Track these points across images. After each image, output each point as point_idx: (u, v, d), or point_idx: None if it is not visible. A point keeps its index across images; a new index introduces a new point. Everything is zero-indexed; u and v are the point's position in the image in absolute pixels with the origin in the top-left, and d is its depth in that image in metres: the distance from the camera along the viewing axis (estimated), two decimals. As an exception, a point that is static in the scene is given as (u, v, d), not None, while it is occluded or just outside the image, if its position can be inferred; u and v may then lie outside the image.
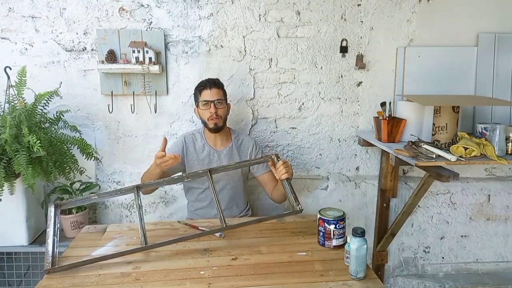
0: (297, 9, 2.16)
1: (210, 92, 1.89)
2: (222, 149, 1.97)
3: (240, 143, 2.01)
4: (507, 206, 2.48)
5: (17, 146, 1.72)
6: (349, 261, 1.32)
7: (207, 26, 2.13)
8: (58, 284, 1.29)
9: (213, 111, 1.87)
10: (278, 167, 1.67)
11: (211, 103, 1.88)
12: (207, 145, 1.97)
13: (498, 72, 2.23)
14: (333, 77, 2.24)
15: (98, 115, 2.18)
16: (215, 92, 1.90)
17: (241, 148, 2.01)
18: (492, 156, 1.70)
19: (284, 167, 1.65)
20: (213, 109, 1.87)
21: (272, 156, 1.74)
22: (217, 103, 1.89)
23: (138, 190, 1.60)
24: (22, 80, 1.87)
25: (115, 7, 2.08)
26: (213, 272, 1.34)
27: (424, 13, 2.21)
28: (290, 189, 1.62)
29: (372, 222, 2.44)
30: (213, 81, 1.92)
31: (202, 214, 2.00)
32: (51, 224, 1.50)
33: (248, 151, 2.01)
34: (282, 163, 1.66)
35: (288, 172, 1.65)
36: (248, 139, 2.04)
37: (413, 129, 1.99)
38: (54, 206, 1.56)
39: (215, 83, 1.92)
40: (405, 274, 2.52)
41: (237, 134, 2.05)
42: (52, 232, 1.47)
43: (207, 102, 1.88)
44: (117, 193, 1.62)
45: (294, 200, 1.58)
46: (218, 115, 1.89)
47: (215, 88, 1.90)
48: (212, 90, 1.89)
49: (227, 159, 1.96)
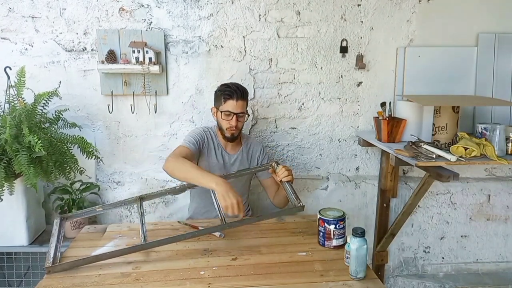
0: (297, 9, 2.16)
1: (235, 104, 1.79)
2: (233, 154, 1.96)
3: (249, 148, 2.00)
4: (507, 206, 2.48)
5: (17, 146, 1.72)
6: (349, 261, 1.32)
7: (207, 26, 2.13)
8: (58, 284, 1.29)
9: (234, 124, 1.80)
10: (279, 170, 1.68)
11: (234, 115, 1.80)
12: (220, 146, 1.95)
13: (498, 72, 2.23)
14: (333, 77, 2.24)
15: (98, 115, 2.18)
16: (241, 105, 1.81)
17: (250, 152, 2.00)
18: (492, 156, 1.70)
19: (286, 169, 1.67)
20: (235, 122, 1.80)
21: (272, 163, 1.77)
22: (239, 115, 1.82)
23: (141, 201, 1.63)
24: (21, 81, 1.87)
25: (115, 7, 2.08)
26: (213, 272, 1.34)
27: (424, 13, 2.21)
28: (291, 189, 1.64)
29: (372, 222, 2.44)
30: (241, 92, 1.81)
31: (202, 216, 1.98)
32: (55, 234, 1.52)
33: (256, 155, 2.00)
34: (283, 167, 1.69)
35: (289, 176, 1.67)
36: (256, 143, 2.04)
37: (413, 129, 1.99)
38: (60, 219, 1.58)
39: (242, 94, 1.81)
40: (405, 274, 2.52)
41: (247, 138, 2.03)
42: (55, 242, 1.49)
43: (230, 113, 1.80)
44: (121, 204, 1.67)
45: (295, 198, 1.59)
46: (238, 127, 1.84)
47: (241, 100, 1.81)
48: (238, 102, 1.79)
49: (238, 163, 1.95)
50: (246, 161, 1.98)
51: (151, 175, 2.25)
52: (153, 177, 2.26)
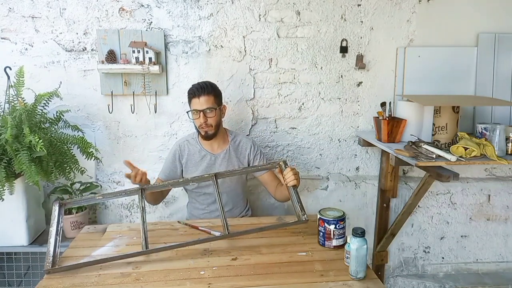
0: (297, 9, 2.16)
1: (199, 101, 1.79)
2: (219, 152, 1.93)
3: (238, 144, 1.97)
4: (507, 206, 2.48)
5: (18, 146, 1.73)
6: (349, 261, 1.32)
7: (207, 26, 2.13)
8: (58, 284, 1.29)
9: (202, 121, 1.80)
10: (286, 173, 1.63)
11: (200, 112, 1.80)
12: (203, 150, 1.93)
13: (498, 72, 2.23)
14: (333, 77, 2.24)
15: (98, 115, 2.18)
16: (204, 100, 1.79)
17: (239, 149, 1.97)
18: (492, 156, 1.70)
19: (293, 173, 1.62)
20: (202, 119, 1.80)
21: (280, 162, 1.71)
22: (207, 111, 1.81)
23: (142, 192, 1.60)
24: (20, 81, 1.87)
25: (115, 7, 2.08)
26: (213, 272, 1.34)
27: (424, 13, 2.21)
28: (296, 198, 1.60)
29: (372, 222, 2.44)
30: (202, 88, 1.81)
31: (201, 217, 1.97)
32: (55, 223, 1.48)
33: (246, 152, 1.97)
34: (291, 170, 1.63)
35: (296, 180, 1.62)
36: (245, 140, 2.00)
37: (413, 129, 1.99)
38: (59, 205, 1.54)
39: (204, 90, 1.80)
40: (405, 274, 2.52)
41: (234, 135, 1.99)
42: (55, 231, 1.46)
43: (197, 111, 1.81)
44: (122, 194, 1.63)
45: (300, 209, 1.56)
46: (208, 124, 1.82)
47: (204, 95, 1.79)
48: (201, 98, 1.79)
49: (225, 162, 1.93)
50: (234, 158, 1.94)
51: (151, 175, 2.22)
52: (153, 177, 2.24)
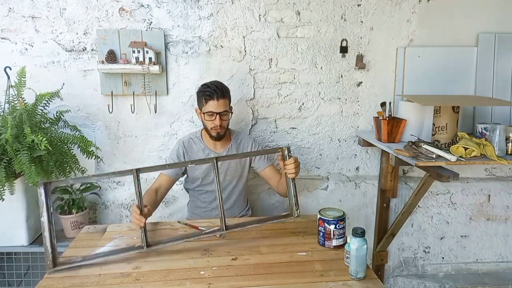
0: (297, 9, 2.16)
1: (217, 104, 1.79)
2: (222, 151, 1.95)
3: (239, 143, 2.00)
4: (507, 206, 2.48)
5: (18, 146, 1.73)
6: (349, 261, 1.32)
7: (207, 26, 2.13)
8: (58, 284, 1.29)
9: (218, 123, 1.81)
10: (288, 163, 1.61)
11: (216, 115, 1.80)
12: (207, 149, 1.94)
13: (498, 72, 2.23)
14: (333, 77, 2.24)
15: (98, 115, 2.18)
16: (222, 103, 1.80)
17: (241, 147, 1.99)
18: (492, 156, 1.70)
19: (294, 166, 1.60)
20: (218, 121, 1.80)
21: (283, 147, 1.65)
22: (223, 114, 1.82)
23: (137, 172, 1.52)
24: (22, 81, 1.87)
25: (115, 7, 2.08)
26: (213, 272, 1.34)
27: (424, 13, 2.21)
28: (293, 191, 1.60)
29: (372, 222, 2.44)
30: (221, 91, 1.81)
31: (202, 215, 2.00)
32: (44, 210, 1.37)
33: (247, 150, 1.99)
34: (293, 162, 1.60)
35: (295, 173, 1.61)
36: (247, 138, 2.03)
37: (413, 129, 1.99)
38: (44, 185, 1.37)
39: (222, 93, 1.81)
40: (405, 274, 2.52)
41: (236, 134, 2.03)
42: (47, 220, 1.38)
43: (213, 113, 1.81)
44: (116, 174, 1.59)
45: (295, 204, 1.58)
46: (223, 126, 1.83)
47: (222, 98, 1.80)
48: (219, 102, 1.79)
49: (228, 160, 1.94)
50: None
51: (151, 175, 2.24)
52: (153, 177, 2.24)
